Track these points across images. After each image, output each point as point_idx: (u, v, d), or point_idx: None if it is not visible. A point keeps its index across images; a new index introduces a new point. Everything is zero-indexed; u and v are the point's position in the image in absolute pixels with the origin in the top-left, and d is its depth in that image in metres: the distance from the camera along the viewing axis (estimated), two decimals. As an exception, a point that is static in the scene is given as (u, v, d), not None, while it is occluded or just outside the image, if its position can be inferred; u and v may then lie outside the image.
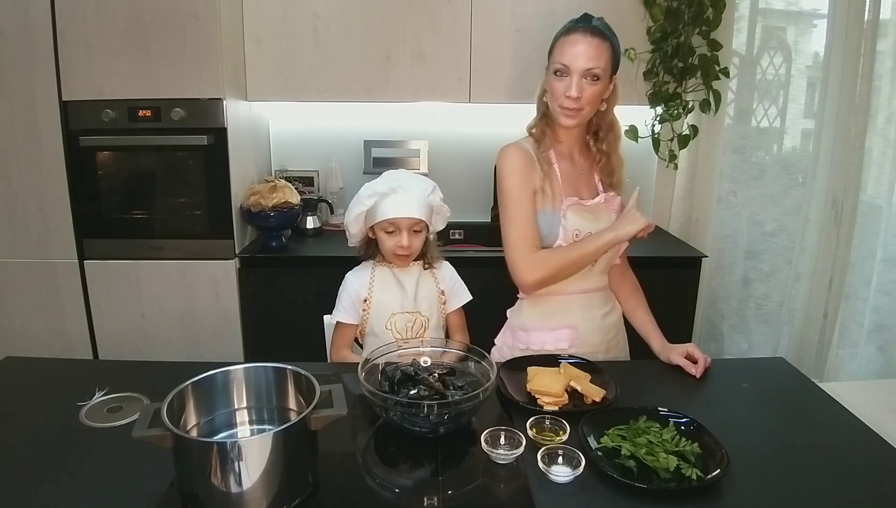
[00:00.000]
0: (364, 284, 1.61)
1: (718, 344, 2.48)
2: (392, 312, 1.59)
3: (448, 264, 1.70)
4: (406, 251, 1.55)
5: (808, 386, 1.42)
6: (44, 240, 2.26)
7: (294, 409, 1.09)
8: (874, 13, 1.75)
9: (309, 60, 2.39)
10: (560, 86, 1.42)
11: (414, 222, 1.54)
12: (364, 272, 1.64)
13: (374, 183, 1.55)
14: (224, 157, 2.23)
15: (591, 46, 1.39)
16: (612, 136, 1.53)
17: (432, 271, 1.65)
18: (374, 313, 1.60)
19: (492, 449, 1.09)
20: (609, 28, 1.44)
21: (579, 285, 1.52)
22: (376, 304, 1.60)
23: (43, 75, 2.12)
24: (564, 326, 1.53)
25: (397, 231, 1.54)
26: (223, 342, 2.36)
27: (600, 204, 1.52)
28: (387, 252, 1.58)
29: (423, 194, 1.55)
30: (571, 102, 1.41)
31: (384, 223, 1.54)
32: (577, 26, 1.42)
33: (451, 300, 1.66)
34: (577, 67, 1.39)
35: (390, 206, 1.52)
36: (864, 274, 1.85)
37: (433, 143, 2.79)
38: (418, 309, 1.60)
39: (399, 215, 1.52)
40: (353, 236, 1.63)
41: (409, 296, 1.60)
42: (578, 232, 1.47)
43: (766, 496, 1.02)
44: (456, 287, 1.68)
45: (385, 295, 1.60)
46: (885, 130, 1.79)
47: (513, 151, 1.49)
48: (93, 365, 1.91)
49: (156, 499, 0.98)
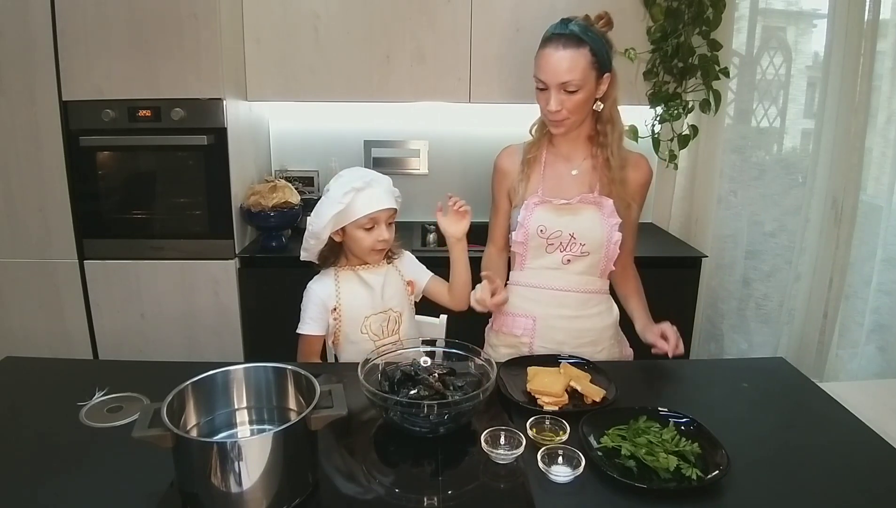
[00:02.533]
0: (330, 292, 1.56)
1: (718, 344, 2.48)
2: (364, 315, 1.56)
3: (407, 252, 1.70)
4: (385, 244, 1.55)
5: (808, 386, 1.42)
6: (44, 240, 2.26)
7: (294, 409, 1.09)
8: (874, 13, 1.75)
9: (309, 60, 2.39)
10: (542, 98, 1.45)
11: (390, 212, 1.55)
12: (327, 280, 1.58)
13: (345, 181, 1.51)
14: (224, 157, 2.23)
15: (562, 60, 1.38)
16: (609, 128, 1.50)
17: (395, 265, 1.64)
18: (345, 321, 1.56)
19: (492, 449, 1.09)
20: (587, 30, 1.40)
21: (547, 280, 1.54)
22: (347, 310, 1.56)
23: (43, 75, 2.12)
24: (522, 314, 1.57)
25: (376, 226, 1.52)
26: (223, 342, 2.36)
27: (575, 204, 1.49)
28: (364, 250, 1.54)
29: (389, 186, 1.57)
30: (553, 114, 1.44)
31: (363, 220, 1.50)
32: (552, 36, 1.41)
33: (418, 287, 1.67)
34: (552, 82, 1.40)
35: (368, 200, 1.50)
36: (864, 274, 1.85)
37: (433, 143, 2.79)
38: (389, 306, 1.59)
39: (380, 208, 1.51)
40: (319, 242, 1.55)
41: (377, 295, 1.57)
42: (543, 228, 1.50)
43: (766, 496, 1.02)
44: (417, 272, 1.67)
45: (354, 300, 1.56)
46: (885, 130, 1.79)
47: (500, 154, 1.62)
48: (93, 365, 1.91)
49: (156, 499, 0.98)
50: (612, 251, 1.51)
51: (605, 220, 1.50)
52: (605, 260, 1.53)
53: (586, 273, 1.54)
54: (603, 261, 1.53)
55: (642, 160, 1.56)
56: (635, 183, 1.54)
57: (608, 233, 1.50)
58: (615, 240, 1.50)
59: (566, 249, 1.51)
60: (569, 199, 1.50)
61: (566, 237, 1.50)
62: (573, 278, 1.53)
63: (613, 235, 1.50)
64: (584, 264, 1.52)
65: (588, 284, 1.55)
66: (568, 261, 1.52)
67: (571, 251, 1.51)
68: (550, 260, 1.53)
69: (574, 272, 1.53)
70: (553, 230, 1.50)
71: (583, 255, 1.51)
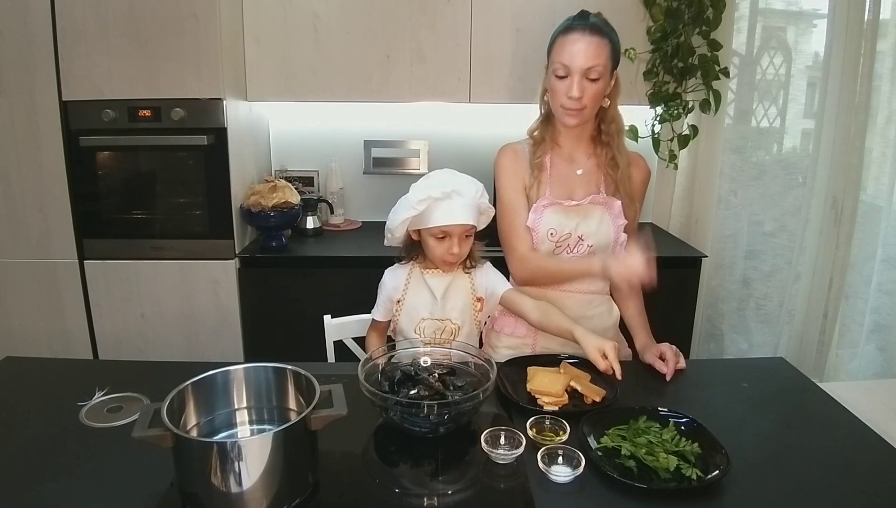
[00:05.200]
0: (399, 285, 1.56)
1: (718, 344, 2.48)
2: (422, 317, 1.54)
3: (489, 264, 1.60)
4: (456, 258, 1.49)
5: (808, 386, 1.42)
6: (44, 240, 2.26)
7: (294, 409, 1.09)
8: (874, 13, 1.75)
9: (309, 60, 2.39)
10: (561, 86, 1.42)
11: (466, 228, 1.47)
12: (401, 272, 1.57)
13: (426, 186, 1.44)
14: (224, 157, 2.23)
15: (590, 45, 1.38)
16: (614, 128, 1.50)
17: (470, 277, 1.55)
18: (404, 316, 1.55)
19: (492, 449, 1.09)
20: (607, 24, 1.42)
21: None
22: (408, 307, 1.55)
23: (43, 75, 2.12)
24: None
25: (448, 238, 1.46)
26: (223, 342, 2.36)
27: (585, 205, 1.49)
28: (435, 258, 1.50)
29: (475, 199, 1.47)
30: (573, 102, 1.41)
31: (435, 230, 1.45)
32: (574, 24, 1.40)
33: (491, 303, 1.57)
34: (576, 67, 1.38)
35: (443, 212, 1.43)
36: (864, 274, 1.85)
37: (433, 143, 2.79)
38: (448, 317, 1.53)
39: (453, 222, 1.43)
40: (394, 238, 1.53)
41: (438, 302, 1.53)
42: (554, 231, 1.48)
43: (766, 496, 1.02)
44: (494, 286, 1.57)
45: (416, 299, 1.54)
46: (885, 130, 1.79)
47: (504, 152, 1.57)
48: (93, 365, 1.91)
49: (156, 499, 0.98)
50: (617, 252, 1.52)
51: (613, 221, 1.50)
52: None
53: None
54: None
55: (641, 159, 1.57)
56: (637, 181, 1.55)
57: (615, 234, 1.50)
58: (621, 241, 1.51)
59: (573, 250, 1.51)
60: (578, 200, 1.50)
61: (574, 239, 1.50)
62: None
63: (620, 236, 1.50)
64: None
65: (591, 284, 1.55)
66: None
67: (578, 253, 1.51)
68: None
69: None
70: (563, 233, 1.49)
71: (589, 256, 1.50)
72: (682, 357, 1.46)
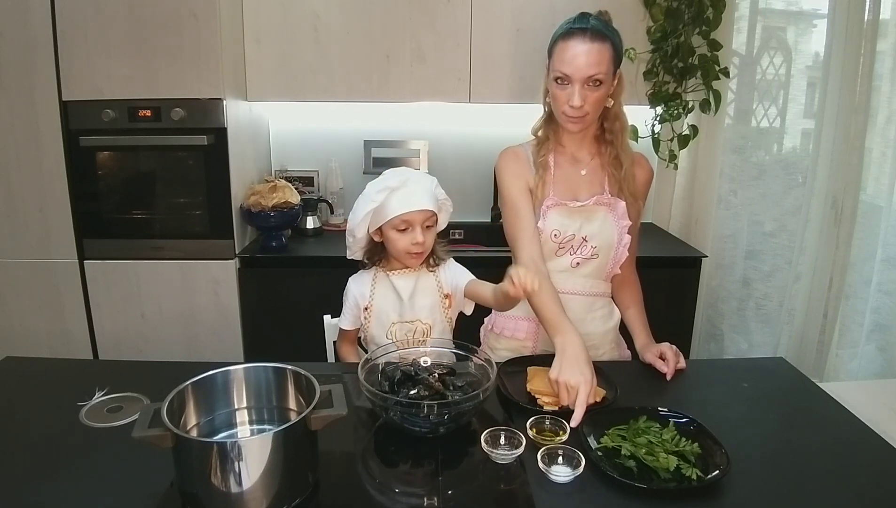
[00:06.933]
0: (364, 292, 1.56)
1: (718, 344, 2.48)
2: (391, 321, 1.54)
3: (453, 261, 1.61)
4: (420, 249, 1.48)
5: (808, 386, 1.41)
6: (44, 240, 2.26)
7: (294, 409, 1.09)
8: (874, 13, 1.75)
9: (309, 60, 2.40)
10: (562, 94, 1.40)
11: (427, 215, 1.47)
12: (366, 278, 1.57)
13: (381, 180, 1.47)
14: (224, 157, 2.23)
15: (590, 53, 1.34)
16: (618, 126, 1.49)
17: (436, 275, 1.57)
18: (374, 322, 1.55)
19: (492, 449, 1.09)
20: (608, 25, 1.39)
21: (554, 283, 1.45)
22: (377, 312, 1.55)
23: (43, 75, 2.12)
24: (525, 317, 1.55)
25: (410, 228, 1.47)
26: (223, 342, 2.36)
27: (590, 206, 1.49)
28: (399, 253, 1.50)
29: (430, 188, 1.50)
30: (575, 110, 1.39)
31: (396, 221, 1.46)
32: (574, 29, 1.36)
33: (457, 299, 1.58)
34: (578, 77, 1.35)
35: (402, 200, 1.44)
36: (864, 274, 1.85)
37: (433, 143, 2.79)
38: (417, 317, 1.54)
39: (413, 209, 1.45)
40: (357, 240, 1.53)
41: (405, 304, 1.53)
42: (558, 232, 1.48)
43: (766, 496, 1.02)
44: (457, 279, 1.57)
45: (384, 303, 1.55)
46: (885, 130, 1.79)
47: (506, 154, 1.55)
48: (93, 365, 1.91)
49: (156, 499, 0.98)
50: (620, 254, 1.51)
51: (616, 222, 1.49)
52: (613, 263, 1.53)
53: (593, 276, 1.53)
54: (610, 263, 1.52)
55: (644, 159, 1.57)
56: (640, 181, 1.55)
57: (619, 235, 1.49)
58: (625, 242, 1.50)
59: (577, 251, 1.50)
60: (583, 201, 1.49)
61: (578, 240, 1.49)
62: (580, 280, 1.52)
63: (623, 237, 1.50)
64: (591, 267, 1.51)
65: (594, 287, 1.54)
66: (577, 264, 1.50)
67: (582, 254, 1.50)
68: (559, 263, 1.51)
69: (581, 275, 1.52)
70: (567, 234, 1.48)
71: (592, 257, 1.50)
72: (682, 357, 1.46)
